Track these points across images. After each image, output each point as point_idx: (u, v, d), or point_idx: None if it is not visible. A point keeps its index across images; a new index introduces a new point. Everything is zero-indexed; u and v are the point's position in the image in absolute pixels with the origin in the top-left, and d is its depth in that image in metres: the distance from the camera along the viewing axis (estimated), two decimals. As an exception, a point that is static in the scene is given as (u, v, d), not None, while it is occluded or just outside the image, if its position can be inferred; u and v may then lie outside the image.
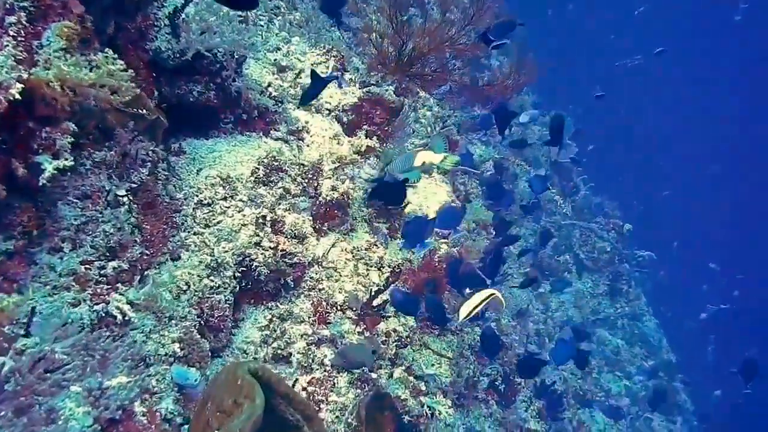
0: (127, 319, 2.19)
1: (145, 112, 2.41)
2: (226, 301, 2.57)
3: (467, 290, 3.65)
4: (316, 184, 3.14)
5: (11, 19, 1.86)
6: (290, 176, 3.03)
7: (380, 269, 3.31)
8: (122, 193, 2.31)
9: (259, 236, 2.68)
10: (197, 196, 2.67)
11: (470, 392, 4.74)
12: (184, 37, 2.68)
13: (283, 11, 4.31)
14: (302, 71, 3.63)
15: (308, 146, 3.26)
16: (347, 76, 3.87)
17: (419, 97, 4.73)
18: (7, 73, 1.76)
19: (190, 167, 2.79)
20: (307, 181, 3.10)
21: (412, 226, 3.25)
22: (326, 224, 3.20)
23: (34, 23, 1.95)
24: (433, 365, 3.53)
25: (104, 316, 2.15)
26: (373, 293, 3.01)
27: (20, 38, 1.88)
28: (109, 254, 2.23)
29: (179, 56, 2.70)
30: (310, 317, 2.84)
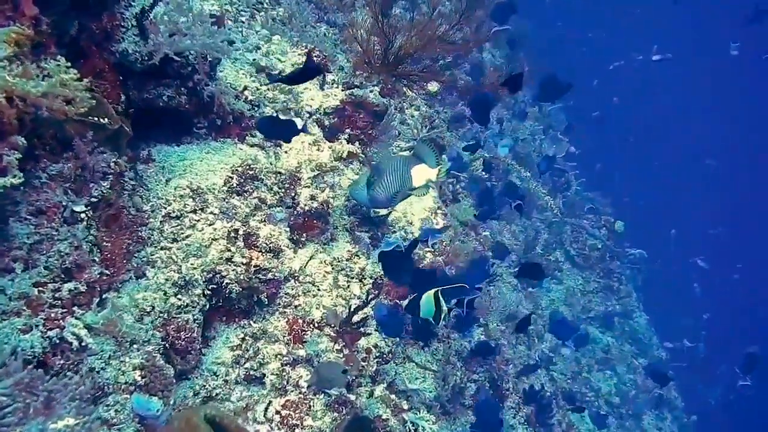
0: (84, 344, 2.05)
1: (106, 120, 2.25)
2: (194, 320, 2.43)
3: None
4: (293, 193, 3.00)
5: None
6: (266, 185, 2.89)
7: (362, 281, 3.18)
8: (80, 208, 2.16)
9: (230, 251, 2.54)
10: (165, 208, 2.53)
11: (457, 399, 4.62)
12: (152, 39, 2.51)
13: (266, 6, 4.14)
14: (282, 72, 3.48)
15: (286, 153, 3.11)
16: (330, 77, 3.71)
17: (406, 96, 4.57)
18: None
19: (159, 176, 2.65)
20: (284, 190, 2.95)
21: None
22: (305, 235, 3.06)
23: (-24, 29, 1.80)
24: (417, 379, 3.40)
25: (58, 342, 2.01)
26: (352, 309, 2.87)
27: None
28: (64, 275, 2.09)
29: (147, 59, 2.54)
30: (284, 336, 2.70)
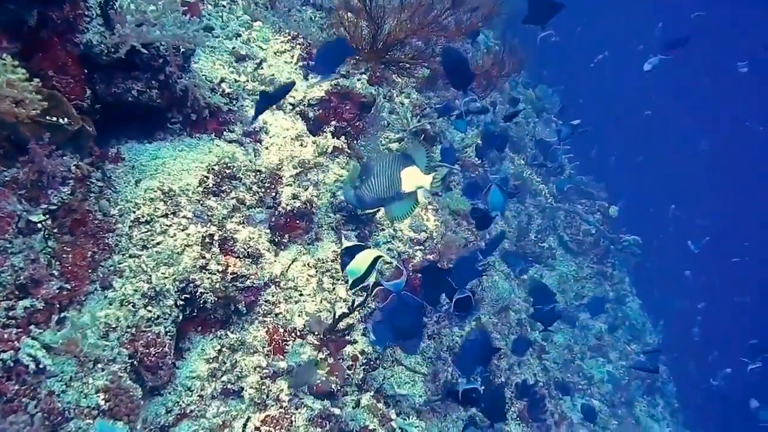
0: (41, 366, 1.90)
1: (65, 121, 2.07)
2: (166, 333, 2.27)
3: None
4: (274, 192, 2.82)
5: None
6: (245, 185, 2.71)
7: (348, 282, 3.01)
8: (37, 218, 1.98)
9: (205, 258, 2.37)
10: (134, 212, 2.36)
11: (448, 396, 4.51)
12: (117, 30, 2.32)
13: (248, -11, 3.92)
14: (264, 61, 3.28)
15: (267, 149, 2.93)
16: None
17: (395, 84, 4.38)
18: None
19: (128, 177, 2.47)
20: (264, 189, 2.78)
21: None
22: (287, 236, 2.89)
23: None
24: (406, 383, 3.27)
25: (13, 365, 1.85)
26: (338, 316, 2.72)
27: None
28: (19, 291, 1.92)
29: (113, 51, 2.34)
30: (264, 347, 2.54)
